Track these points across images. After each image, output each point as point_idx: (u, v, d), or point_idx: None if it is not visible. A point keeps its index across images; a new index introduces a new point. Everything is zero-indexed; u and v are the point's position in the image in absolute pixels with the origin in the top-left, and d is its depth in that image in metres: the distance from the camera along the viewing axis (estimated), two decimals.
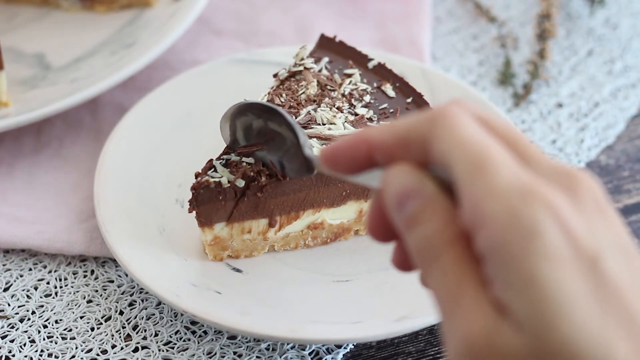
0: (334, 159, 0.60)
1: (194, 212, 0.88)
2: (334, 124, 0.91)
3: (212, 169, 0.87)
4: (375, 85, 0.97)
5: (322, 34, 1.03)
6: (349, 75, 0.98)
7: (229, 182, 0.86)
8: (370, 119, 0.93)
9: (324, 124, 0.91)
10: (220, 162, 0.87)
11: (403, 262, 0.60)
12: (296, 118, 0.91)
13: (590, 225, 0.51)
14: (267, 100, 0.93)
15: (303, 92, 0.95)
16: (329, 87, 0.96)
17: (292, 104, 0.93)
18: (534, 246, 0.49)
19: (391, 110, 0.94)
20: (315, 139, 0.89)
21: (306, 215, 0.92)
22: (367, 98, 0.95)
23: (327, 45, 1.02)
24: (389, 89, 0.97)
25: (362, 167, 0.59)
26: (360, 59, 1.00)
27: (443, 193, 0.54)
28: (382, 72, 0.99)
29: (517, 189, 0.50)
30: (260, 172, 0.87)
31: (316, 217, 0.93)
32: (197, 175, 0.87)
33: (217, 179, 0.86)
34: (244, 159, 0.87)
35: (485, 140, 0.53)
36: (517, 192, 0.50)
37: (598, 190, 0.53)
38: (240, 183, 0.86)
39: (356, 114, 0.93)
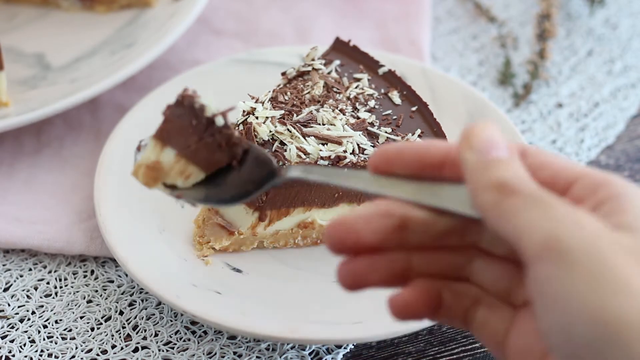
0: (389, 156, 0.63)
1: (161, 126, 0.77)
2: (334, 125, 0.91)
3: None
4: (382, 91, 0.97)
5: (337, 37, 1.02)
6: (358, 80, 0.98)
7: (212, 114, 0.75)
8: (371, 124, 0.92)
9: (323, 124, 0.91)
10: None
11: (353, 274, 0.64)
12: (297, 116, 0.91)
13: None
14: (271, 97, 0.93)
15: (308, 92, 0.95)
16: (335, 90, 0.96)
17: (295, 103, 0.93)
18: None
19: (394, 117, 0.94)
20: (313, 138, 0.89)
21: (296, 212, 0.92)
22: (371, 103, 0.95)
23: (341, 49, 1.01)
24: (395, 96, 0.96)
25: (420, 167, 0.62)
26: (372, 65, 1.00)
27: None
28: (391, 79, 0.98)
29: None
30: (241, 143, 0.76)
31: (306, 215, 0.93)
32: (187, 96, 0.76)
33: (206, 103, 0.75)
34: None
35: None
36: None
37: None
38: (220, 121, 0.75)
39: (358, 118, 0.93)
